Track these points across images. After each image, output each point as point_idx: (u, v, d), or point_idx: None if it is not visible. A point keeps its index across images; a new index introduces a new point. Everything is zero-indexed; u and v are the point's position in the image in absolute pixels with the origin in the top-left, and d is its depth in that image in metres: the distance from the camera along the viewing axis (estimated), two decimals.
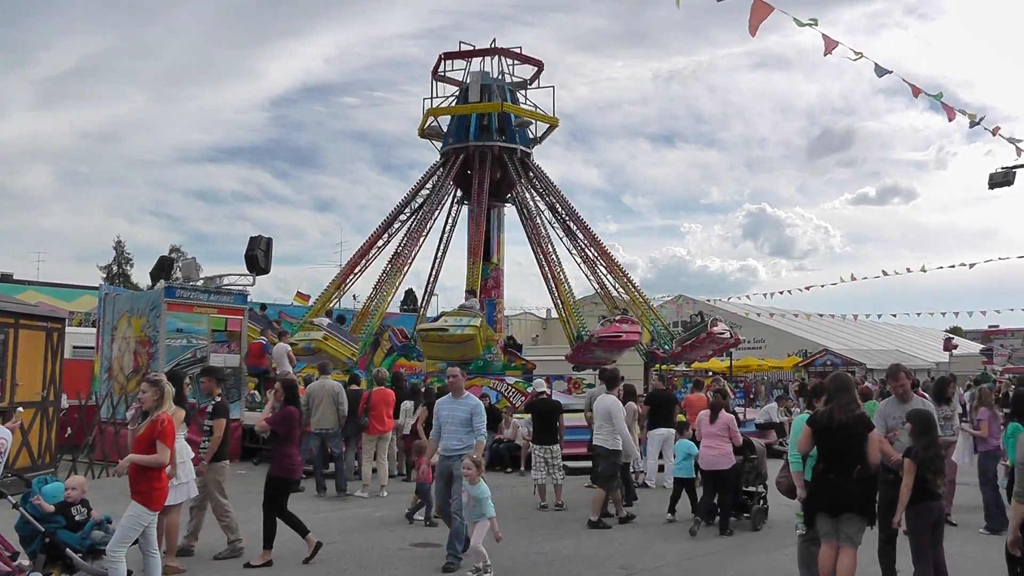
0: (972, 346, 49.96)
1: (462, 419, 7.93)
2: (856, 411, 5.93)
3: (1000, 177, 17.22)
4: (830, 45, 10.76)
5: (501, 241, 22.28)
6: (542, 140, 22.89)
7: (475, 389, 17.21)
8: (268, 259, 16.16)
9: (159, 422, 5.92)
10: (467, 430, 7.86)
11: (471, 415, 7.91)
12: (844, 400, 5.92)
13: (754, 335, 48.07)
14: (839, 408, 5.89)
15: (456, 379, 8.19)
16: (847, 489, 5.73)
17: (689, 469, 10.21)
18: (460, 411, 7.97)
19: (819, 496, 5.93)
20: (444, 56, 22.42)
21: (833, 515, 5.82)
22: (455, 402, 8.09)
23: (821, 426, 5.95)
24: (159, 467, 5.91)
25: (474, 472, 7.34)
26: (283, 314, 23.45)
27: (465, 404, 8.03)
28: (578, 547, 8.61)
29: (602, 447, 9.87)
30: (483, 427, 7.95)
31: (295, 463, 8.14)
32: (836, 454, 5.85)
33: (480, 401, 8.34)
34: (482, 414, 7.99)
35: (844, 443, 5.82)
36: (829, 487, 5.83)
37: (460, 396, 8.10)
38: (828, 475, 5.86)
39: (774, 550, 8.43)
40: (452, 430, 7.95)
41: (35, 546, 6.23)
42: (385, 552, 8.27)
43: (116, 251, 52.17)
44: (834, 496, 5.79)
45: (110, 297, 17.30)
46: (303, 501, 11.35)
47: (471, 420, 7.88)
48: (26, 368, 12.04)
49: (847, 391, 5.97)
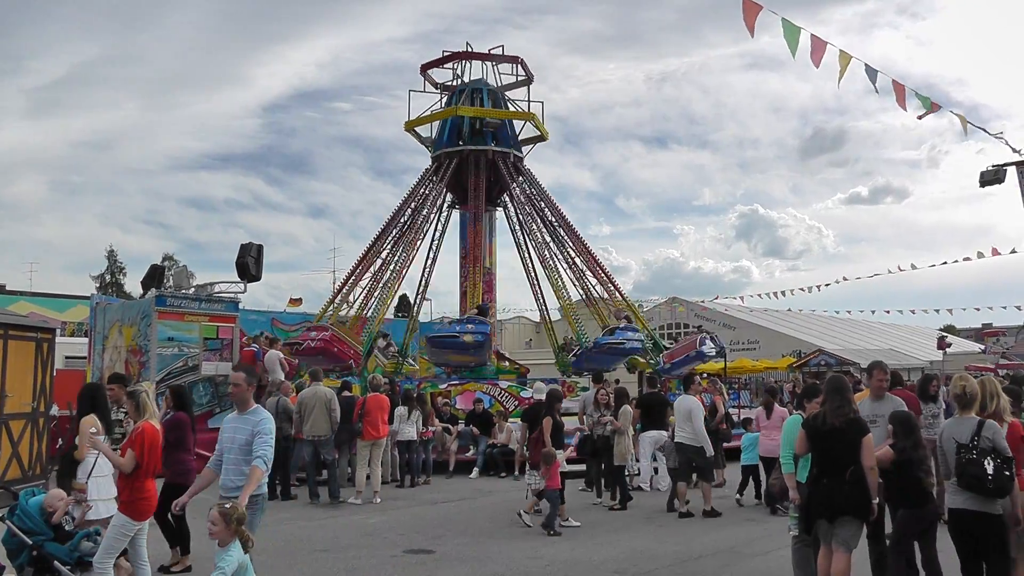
0: (966, 344, 50.07)
1: (243, 442, 5.83)
2: (849, 414, 5.86)
3: (991, 175, 17.27)
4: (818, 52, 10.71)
5: (493, 245, 22.29)
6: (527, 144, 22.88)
7: (469, 394, 17.28)
8: (259, 266, 16.14)
9: (137, 432, 5.98)
10: (247, 457, 5.78)
11: (253, 436, 5.80)
12: (837, 403, 5.86)
13: (748, 336, 48.11)
14: (831, 412, 5.85)
15: (240, 388, 6.01)
16: (842, 492, 5.69)
17: (754, 457, 11.25)
18: (241, 432, 5.87)
19: (816, 502, 5.88)
20: (424, 67, 22.54)
21: (831, 520, 5.76)
22: (238, 419, 5.99)
23: (815, 429, 5.91)
24: (122, 470, 5.94)
25: (220, 529, 4.89)
26: (275, 321, 23.38)
27: (247, 421, 5.92)
28: (572, 551, 8.58)
29: (690, 444, 10.76)
30: (266, 451, 5.75)
31: (188, 468, 7.67)
32: (829, 458, 5.81)
33: (269, 415, 6.08)
34: (267, 433, 5.81)
35: (837, 447, 5.77)
36: (824, 491, 5.79)
37: (246, 410, 6.00)
38: (822, 479, 5.82)
39: (768, 552, 8.41)
40: (233, 460, 5.89)
41: (23, 559, 6.16)
42: (378, 559, 8.23)
43: (109, 260, 51.96)
44: (829, 500, 5.75)
45: (101, 306, 17.24)
46: (296, 508, 11.33)
47: (252, 444, 5.78)
48: (16, 379, 11.97)
49: (840, 393, 5.91)
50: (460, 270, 22.04)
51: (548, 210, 22.29)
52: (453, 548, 8.70)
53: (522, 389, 18.06)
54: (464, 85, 21.95)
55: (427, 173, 22.32)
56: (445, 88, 22.84)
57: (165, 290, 15.79)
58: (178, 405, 8.14)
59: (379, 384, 13.03)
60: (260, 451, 5.71)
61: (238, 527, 4.89)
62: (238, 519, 4.89)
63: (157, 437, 6.13)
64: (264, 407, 12.75)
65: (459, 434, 15.26)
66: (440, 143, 21.94)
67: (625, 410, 11.88)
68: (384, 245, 21.82)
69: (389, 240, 21.84)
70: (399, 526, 9.97)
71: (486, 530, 9.70)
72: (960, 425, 5.70)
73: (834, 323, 53.85)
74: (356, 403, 12.54)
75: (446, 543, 8.94)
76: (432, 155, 22.22)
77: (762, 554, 8.40)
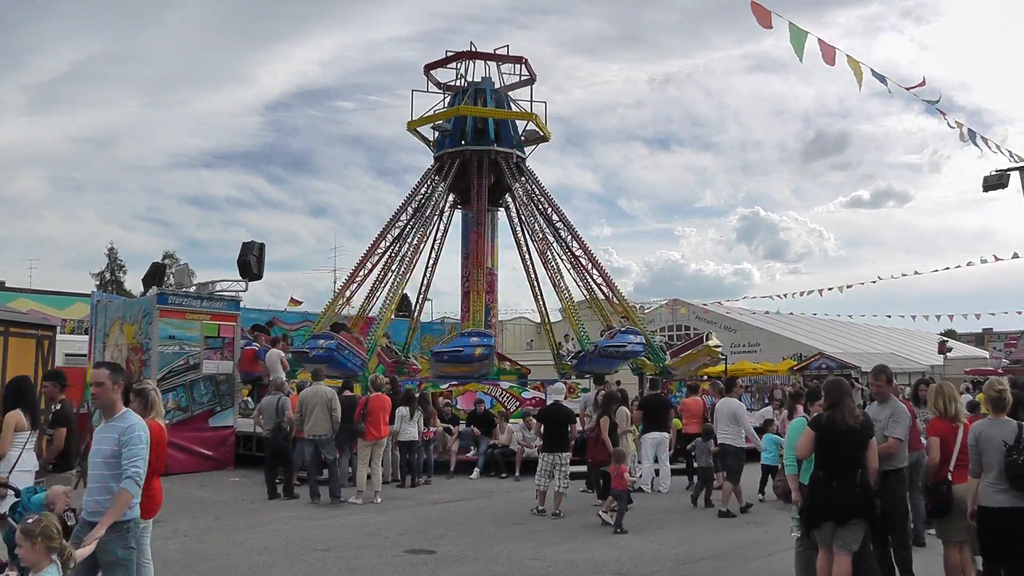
0: (967, 349, 50.09)
1: (107, 454, 4.90)
2: (861, 416, 5.87)
3: (994, 180, 17.29)
4: (828, 52, 10.71)
5: (495, 245, 22.26)
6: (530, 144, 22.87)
7: (470, 395, 17.26)
8: (261, 265, 16.15)
9: None
10: (115, 472, 4.84)
11: (120, 447, 4.85)
12: (850, 405, 5.84)
13: (749, 339, 48.08)
14: (848, 413, 5.79)
15: (103, 389, 5.00)
16: (853, 495, 5.66)
17: (775, 458, 11.58)
18: (106, 442, 4.93)
19: (823, 505, 5.78)
20: (428, 67, 22.51)
21: (841, 523, 5.69)
22: (104, 427, 5.03)
23: (825, 431, 5.84)
24: None
25: (26, 550, 4.05)
26: (276, 320, 23.37)
27: (113, 429, 4.95)
28: (573, 552, 8.56)
29: (729, 445, 11.01)
30: (137, 469, 4.81)
31: None
32: (838, 460, 5.76)
33: (139, 421, 5.05)
34: (136, 443, 4.85)
35: (847, 449, 5.74)
36: (833, 495, 5.71)
37: (112, 415, 5.02)
38: (831, 483, 5.75)
39: (771, 555, 8.40)
40: (97, 477, 4.93)
41: None
42: (380, 559, 8.21)
43: (109, 258, 51.97)
44: (840, 504, 5.69)
45: (102, 304, 17.23)
46: (297, 508, 11.32)
47: (120, 455, 4.83)
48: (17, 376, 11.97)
49: (851, 396, 5.92)
50: (462, 271, 22.04)
51: (552, 211, 22.26)
52: (454, 548, 8.69)
53: (523, 390, 18.05)
54: (468, 85, 21.94)
55: (429, 173, 22.32)
56: (448, 88, 22.83)
57: (166, 288, 15.79)
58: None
59: (381, 384, 13.02)
60: (130, 469, 4.78)
61: (48, 545, 4.11)
62: (44, 534, 4.10)
63: (163, 436, 6.12)
64: (264, 405, 12.91)
65: (460, 434, 15.25)
66: (443, 143, 21.93)
67: (622, 411, 11.85)
68: (386, 245, 21.79)
69: (390, 240, 21.82)
70: (400, 526, 9.96)
71: (487, 530, 9.69)
72: (1002, 426, 5.71)
73: (835, 326, 53.86)
74: (358, 403, 12.53)
75: (447, 543, 8.93)
76: (434, 155, 22.21)
77: (764, 556, 8.39)
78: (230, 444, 15.46)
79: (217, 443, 15.21)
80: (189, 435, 14.66)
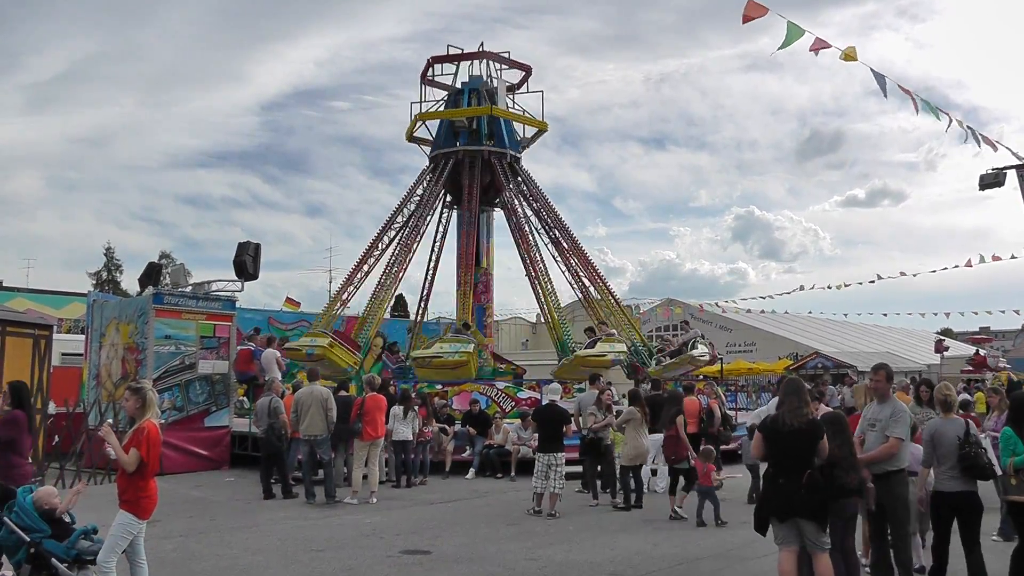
0: (964, 348, 50.14)
1: None
2: (807, 416, 5.89)
3: (991, 178, 17.22)
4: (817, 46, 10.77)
5: (491, 246, 22.23)
6: (530, 144, 22.90)
7: (465, 395, 17.26)
8: (257, 265, 16.14)
9: (140, 430, 5.93)
10: None
11: None
12: (795, 404, 5.90)
13: (744, 338, 48.18)
14: (790, 413, 5.88)
15: None
16: (797, 494, 5.72)
17: None
18: None
19: (770, 500, 5.92)
20: (433, 60, 22.42)
21: (782, 519, 5.80)
22: None
23: (769, 432, 5.97)
24: (127, 468, 5.87)
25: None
26: (272, 320, 23.34)
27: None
28: (569, 553, 8.57)
29: None
30: None
31: (24, 473, 7.12)
32: (787, 459, 5.85)
33: None
34: None
35: (793, 448, 5.81)
36: (777, 492, 5.84)
37: None
38: (778, 479, 5.87)
39: (765, 555, 8.38)
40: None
41: (20, 556, 6.16)
42: (375, 559, 8.22)
43: (106, 257, 51.96)
44: (782, 501, 5.79)
45: (98, 304, 17.22)
46: (293, 508, 11.33)
47: None
48: (14, 375, 11.87)
49: (798, 395, 5.96)
50: (457, 271, 22.02)
51: (543, 211, 22.18)
52: (450, 548, 8.70)
53: (519, 390, 18.03)
54: (466, 83, 21.87)
55: (424, 173, 22.29)
56: (444, 88, 22.76)
57: (162, 288, 15.78)
58: (16, 403, 7.35)
59: (377, 384, 13.03)
60: None
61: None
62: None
63: (158, 436, 6.13)
64: (257, 406, 12.89)
65: (455, 435, 15.26)
66: (436, 145, 21.93)
67: (630, 411, 11.80)
68: (382, 246, 21.75)
69: (387, 240, 21.78)
70: (396, 526, 9.96)
71: (483, 531, 9.70)
72: (953, 424, 6.54)
73: (831, 326, 53.97)
74: (354, 403, 12.54)
75: (443, 543, 8.94)
76: (429, 155, 22.20)
77: (759, 557, 8.38)
78: (225, 444, 15.47)
79: (213, 443, 15.22)
80: (185, 435, 14.67)
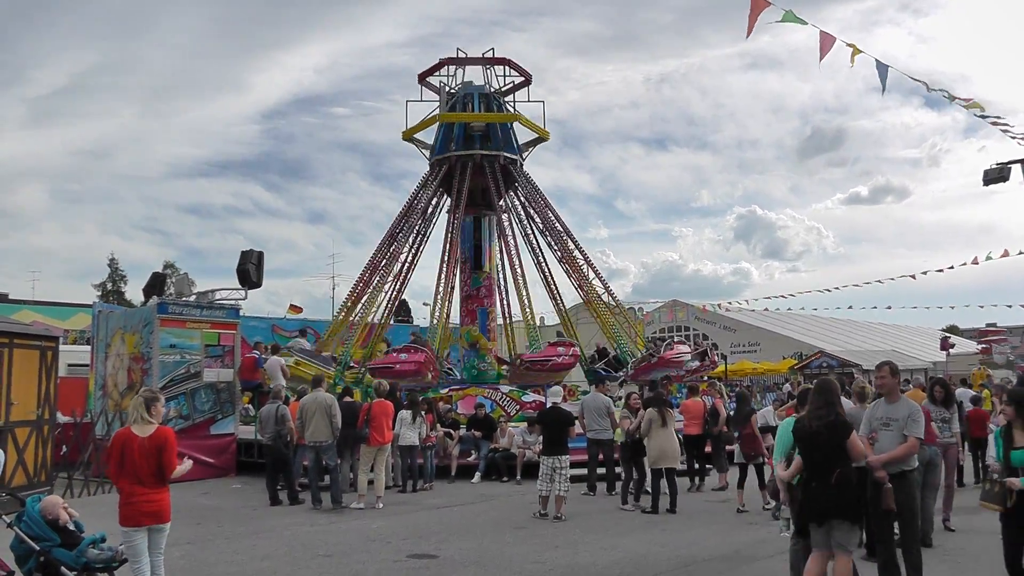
0: (970, 345, 50.03)
1: None
2: (829, 417, 5.88)
3: (995, 173, 17.09)
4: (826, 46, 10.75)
5: (492, 249, 22.28)
6: (528, 150, 22.87)
7: (470, 399, 17.31)
8: (260, 273, 16.19)
9: (167, 437, 6.21)
10: None
11: None
12: (817, 405, 5.93)
13: (748, 339, 48.14)
14: (810, 415, 5.92)
15: None
16: (827, 495, 5.73)
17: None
18: None
19: (803, 506, 5.97)
20: (442, 62, 22.48)
21: (819, 524, 5.80)
22: None
23: (800, 433, 6.01)
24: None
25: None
26: (276, 327, 23.43)
27: None
28: (575, 556, 8.60)
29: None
30: None
31: None
32: (815, 461, 5.87)
33: None
34: None
35: (820, 449, 5.83)
36: (810, 495, 5.86)
37: None
38: (810, 483, 5.88)
39: (772, 556, 8.42)
40: None
41: (30, 565, 6.22)
42: (382, 564, 8.25)
43: (110, 268, 52.14)
44: (815, 504, 5.80)
45: (103, 314, 17.31)
46: (299, 514, 11.37)
47: None
48: (21, 387, 12.05)
49: (823, 395, 5.97)
50: (459, 274, 22.06)
51: (538, 215, 22.16)
52: (456, 553, 8.73)
53: (523, 393, 18.07)
54: (460, 88, 21.97)
55: (425, 178, 22.35)
56: (435, 90, 22.82)
57: (167, 297, 15.86)
58: None
59: (384, 390, 13.05)
60: None
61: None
62: None
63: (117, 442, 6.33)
64: (263, 413, 12.95)
65: (461, 439, 15.29)
66: (437, 149, 21.99)
67: (650, 413, 11.76)
68: (386, 252, 21.81)
69: (390, 247, 21.85)
70: (402, 531, 10.00)
71: (489, 535, 9.72)
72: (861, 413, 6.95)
73: (835, 324, 53.89)
74: (360, 409, 12.59)
75: (449, 548, 8.97)
76: (429, 161, 22.27)
77: (766, 558, 8.41)
78: (231, 451, 15.52)
79: (218, 451, 15.27)
80: (191, 443, 14.68)
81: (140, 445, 6.07)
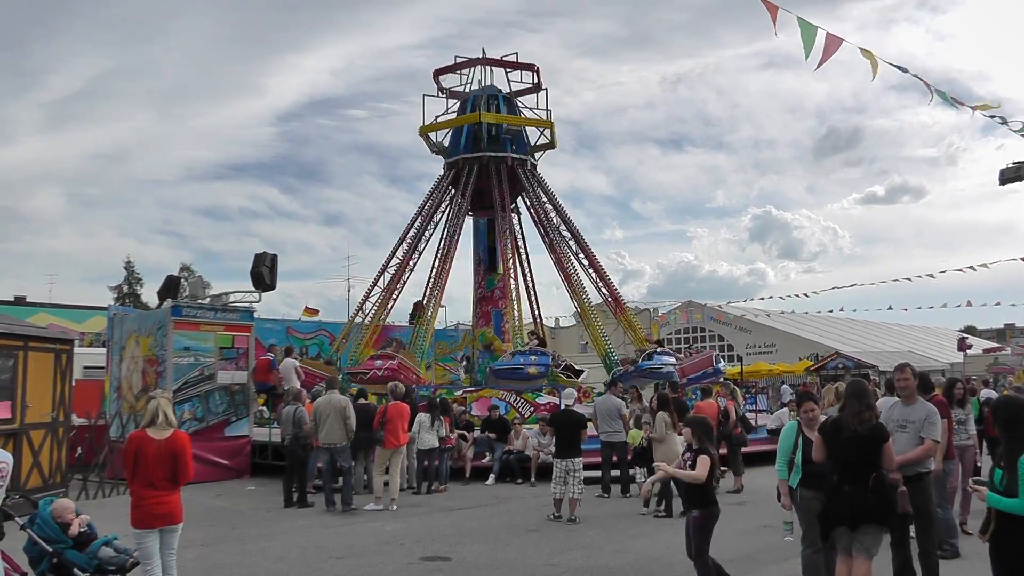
0: (988, 345, 49.53)
1: None
2: (870, 421, 5.71)
3: (1012, 172, 16.95)
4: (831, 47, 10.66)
5: (506, 251, 22.25)
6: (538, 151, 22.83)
7: (484, 400, 17.28)
8: (274, 275, 16.24)
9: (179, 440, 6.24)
10: None
11: None
12: (856, 409, 5.71)
13: (764, 340, 47.92)
14: (851, 417, 5.69)
15: None
16: (865, 499, 5.58)
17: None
18: None
19: (838, 510, 5.72)
20: (437, 72, 22.56)
21: (853, 528, 5.63)
22: None
23: (829, 436, 5.81)
24: None
25: None
26: (291, 329, 23.48)
27: None
28: (588, 558, 8.55)
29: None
30: None
31: None
32: (851, 464, 5.68)
33: None
34: None
35: (857, 453, 5.65)
36: (845, 500, 5.65)
37: None
38: (843, 487, 5.68)
39: (786, 559, 8.32)
40: None
41: (43, 567, 6.25)
42: (395, 566, 8.24)
43: (126, 271, 52.47)
44: (852, 509, 5.62)
45: (118, 317, 17.40)
46: (313, 516, 11.37)
47: None
48: (36, 389, 12.11)
49: (860, 399, 5.76)
50: (474, 276, 22.07)
51: (554, 216, 22.15)
52: (470, 555, 8.70)
53: (538, 395, 18.02)
54: (478, 91, 21.98)
55: (440, 180, 22.35)
56: (453, 94, 22.86)
57: (181, 300, 15.92)
58: None
59: (400, 392, 13.07)
60: None
61: None
62: None
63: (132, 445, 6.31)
64: (281, 415, 12.97)
65: (475, 441, 15.26)
66: (456, 149, 21.95)
67: (660, 416, 11.74)
68: (403, 255, 21.84)
69: (406, 249, 21.87)
70: (416, 533, 9.98)
71: (503, 537, 9.69)
72: None
73: (851, 325, 53.54)
74: (376, 411, 12.58)
75: (463, 550, 8.94)
76: (446, 161, 22.25)
77: (779, 561, 8.33)
78: (246, 453, 15.56)
79: (233, 452, 15.31)
80: (205, 445, 14.74)
81: (155, 449, 6.07)
